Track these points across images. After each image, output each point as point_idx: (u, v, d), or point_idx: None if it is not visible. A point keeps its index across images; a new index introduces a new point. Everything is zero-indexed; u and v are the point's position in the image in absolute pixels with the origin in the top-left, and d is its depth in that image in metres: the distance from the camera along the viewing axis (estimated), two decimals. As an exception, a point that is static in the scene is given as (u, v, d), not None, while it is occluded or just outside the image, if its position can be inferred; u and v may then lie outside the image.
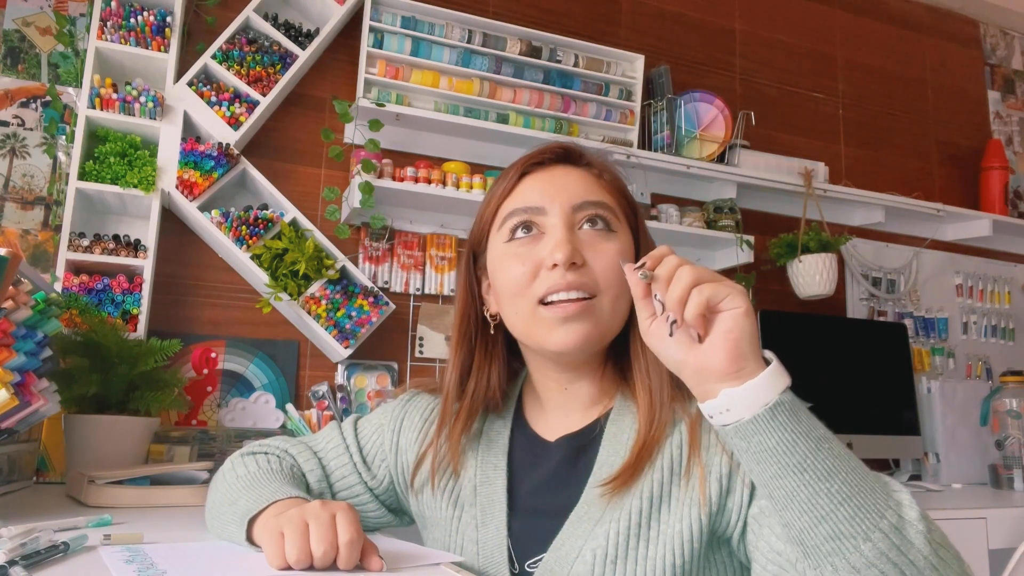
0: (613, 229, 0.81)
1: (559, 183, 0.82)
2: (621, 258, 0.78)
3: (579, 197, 0.81)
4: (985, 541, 1.66)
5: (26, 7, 1.80)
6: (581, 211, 0.80)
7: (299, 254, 1.77)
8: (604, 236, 0.80)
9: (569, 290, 0.77)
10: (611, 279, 0.78)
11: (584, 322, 0.77)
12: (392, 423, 0.94)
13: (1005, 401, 2.21)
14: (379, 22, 1.95)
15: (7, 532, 0.72)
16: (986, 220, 2.63)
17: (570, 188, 0.81)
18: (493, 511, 0.82)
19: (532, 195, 0.82)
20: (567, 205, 0.80)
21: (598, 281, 0.78)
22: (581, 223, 0.80)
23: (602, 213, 0.81)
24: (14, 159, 1.75)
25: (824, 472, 0.57)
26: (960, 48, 3.01)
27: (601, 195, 0.82)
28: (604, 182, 0.84)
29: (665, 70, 2.27)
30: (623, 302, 0.79)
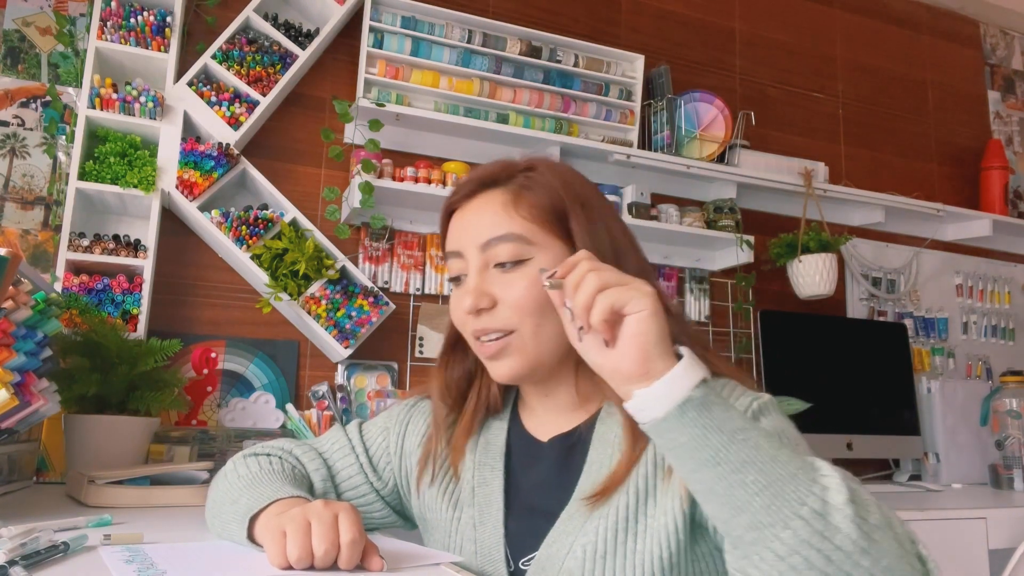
0: (524, 259, 0.80)
1: (469, 222, 0.83)
2: (534, 285, 0.78)
3: (484, 235, 0.81)
4: (985, 541, 1.66)
5: (26, 7, 1.80)
6: (489, 249, 0.81)
7: (299, 254, 1.77)
8: (513, 271, 0.80)
9: (483, 334, 0.80)
10: (526, 310, 0.79)
11: (508, 358, 0.80)
12: (397, 427, 0.95)
13: (1005, 401, 2.21)
14: (379, 22, 1.95)
15: (7, 532, 0.72)
16: (986, 220, 2.63)
17: (479, 226, 0.82)
18: (490, 511, 0.84)
19: (453, 238, 0.85)
20: (475, 247, 0.82)
21: (511, 316, 0.79)
22: (492, 263, 0.81)
23: (508, 250, 0.80)
24: (14, 159, 1.75)
25: (738, 463, 0.58)
26: (960, 48, 3.01)
27: (509, 225, 0.81)
28: (522, 201, 0.82)
29: (665, 70, 2.27)
30: (548, 326, 0.79)
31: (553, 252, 0.81)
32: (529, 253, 0.80)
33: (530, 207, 0.82)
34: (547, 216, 0.82)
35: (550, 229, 0.82)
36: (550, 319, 0.79)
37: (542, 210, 0.82)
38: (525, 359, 0.80)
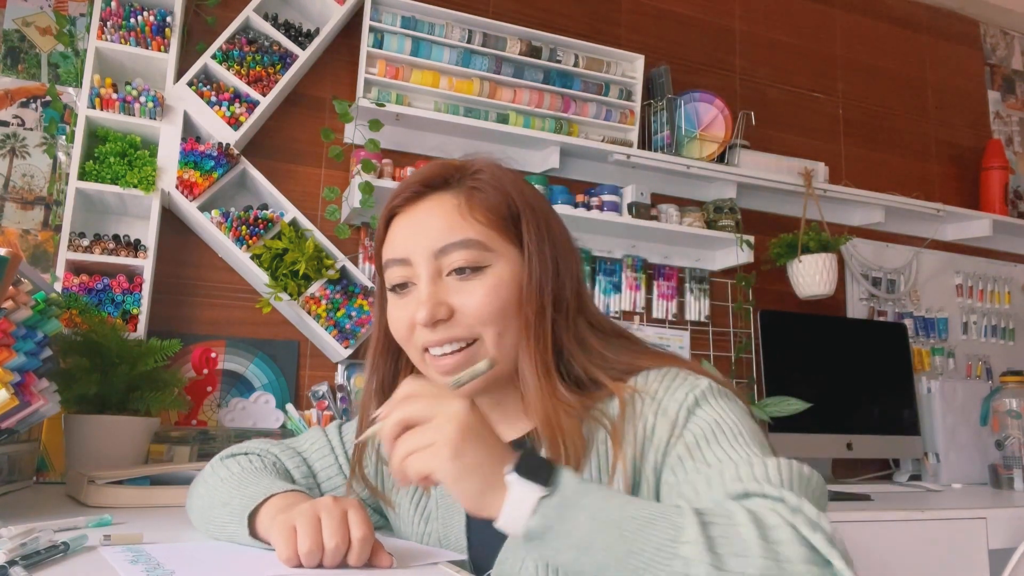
0: (482, 265, 0.77)
1: (419, 225, 0.79)
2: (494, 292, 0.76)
3: (439, 241, 0.77)
4: (985, 541, 1.66)
5: (26, 7, 1.80)
6: (443, 255, 0.77)
7: (299, 254, 1.77)
8: (472, 278, 0.76)
9: (442, 344, 0.77)
10: (487, 318, 0.76)
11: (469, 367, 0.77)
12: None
13: (1005, 401, 2.21)
14: (379, 22, 1.95)
15: (7, 532, 0.72)
16: (986, 220, 2.63)
17: (431, 230, 0.78)
18: (452, 524, 0.83)
19: (398, 243, 0.80)
20: (427, 253, 0.77)
21: (473, 324, 0.76)
22: (448, 270, 0.77)
23: (465, 256, 0.76)
24: (14, 159, 1.75)
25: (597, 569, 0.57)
26: (960, 48, 3.01)
27: (465, 229, 0.77)
28: (475, 204, 0.79)
29: (665, 70, 2.27)
30: (509, 335, 0.77)
31: (509, 258, 0.78)
32: (487, 260, 0.77)
33: (484, 210, 0.78)
34: (501, 220, 0.79)
35: (504, 234, 0.79)
36: (511, 327, 0.77)
37: (496, 214, 0.79)
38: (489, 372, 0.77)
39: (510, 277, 0.78)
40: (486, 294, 0.76)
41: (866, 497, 1.81)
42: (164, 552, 0.71)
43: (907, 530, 1.61)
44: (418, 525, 0.86)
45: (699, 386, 0.73)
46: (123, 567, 0.65)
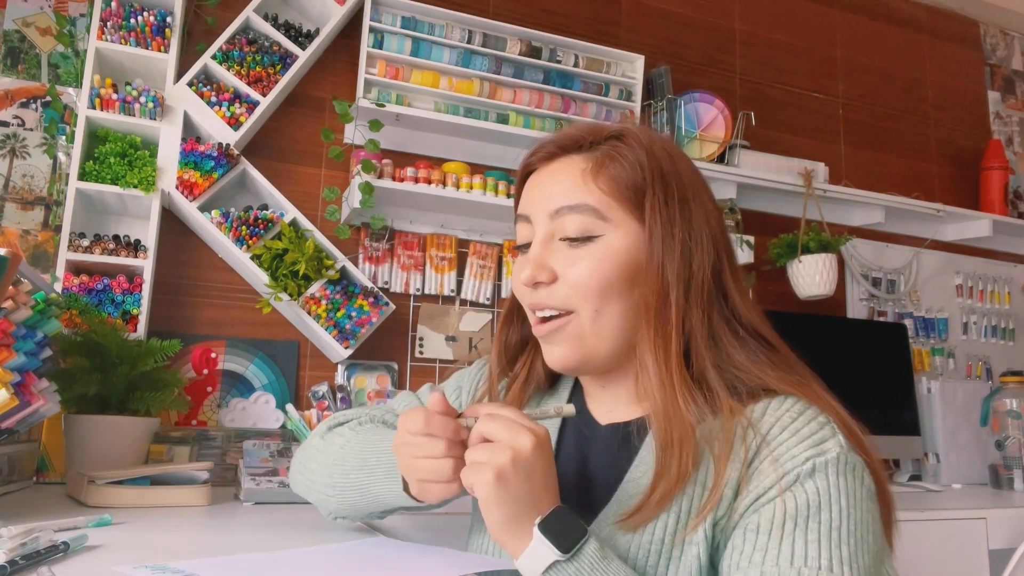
0: (594, 235, 0.73)
1: (543, 188, 0.77)
2: (599, 264, 0.72)
3: (556, 203, 0.75)
4: (985, 541, 1.66)
5: (26, 7, 1.81)
6: (558, 218, 0.75)
7: (299, 254, 1.77)
8: (581, 246, 0.74)
9: (538, 310, 0.76)
10: (588, 291, 0.72)
11: (563, 344, 0.75)
12: (469, 384, 0.94)
13: (1005, 401, 2.21)
14: (379, 22, 1.95)
15: (7, 532, 0.72)
16: (986, 220, 2.63)
17: (552, 192, 0.76)
18: None
19: (525, 202, 0.80)
20: (544, 214, 0.76)
21: (571, 295, 0.73)
22: (560, 235, 0.75)
23: (579, 222, 0.74)
24: (14, 159, 1.75)
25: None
26: (960, 48, 3.01)
27: (583, 194, 0.74)
28: (603, 172, 0.75)
29: (665, 70, 2.27)
30: (608, 314, 0.73)
31: (626, 231, 0.74)
32: (600, 229, 0.74)
33: (609, 179, 0.74)
34: (626, 191, 0.74)
35: (628, 206, 0.74)
36: (612, 306, 0.73)
37: (622, 184, 0.74)
38: (580, 347, 0.74)
39: (622, 252, 0.73)
40: (589, 265, 0.73)
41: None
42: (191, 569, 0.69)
43: (907, 530, 1.61)
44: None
45: (825, 452, 0.66)
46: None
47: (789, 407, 0.70)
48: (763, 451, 0.67)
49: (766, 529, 0.63)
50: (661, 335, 0.72)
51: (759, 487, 0.66)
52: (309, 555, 0.79)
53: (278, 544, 0.87)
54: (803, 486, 0.64)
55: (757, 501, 0.65)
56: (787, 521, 0.63)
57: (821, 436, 0.67)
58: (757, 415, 0.70)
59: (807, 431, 0.68)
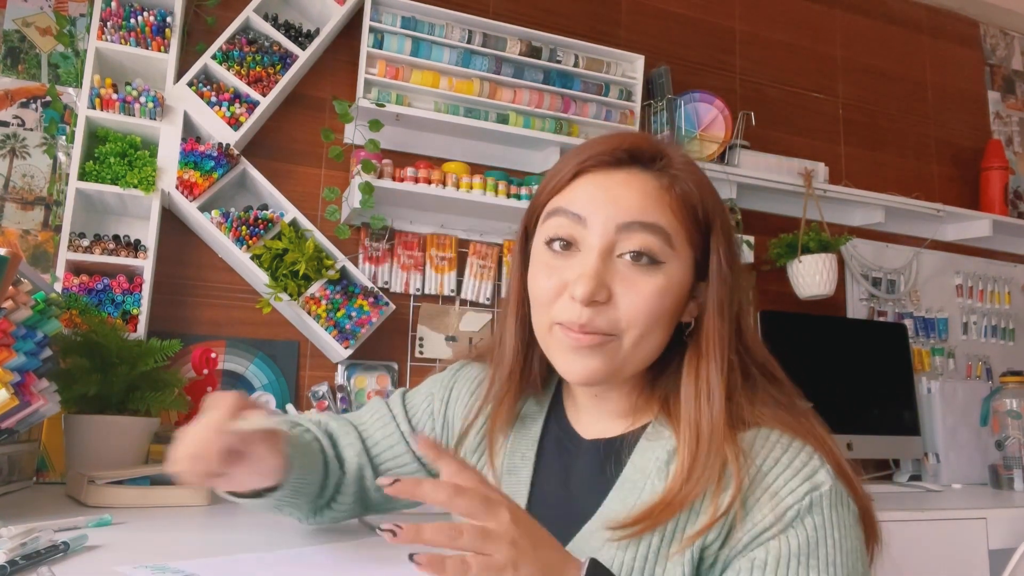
0: (660, 260, 0.70)
1: (612, 193, 0.72)
2: (660, 296, 0.70)
3: (628, 216, 0.70)
4: (985, 541, 1.66)
5: (26, 7, 1.80)
6: (626, 233, 0.70)
7: (299, 254, 1.77)
8: (644, 271, 0.70)
9: (582, 330, 0.70)
10: (637, 319, 0.70)
11: (596, 358, 0.71)
12: (442, 392, 0.92)
13: (1005, 401, 2.21)
14: (379, 22, 1.95)
15: (7, 532, 0.72)
16: (986, 220, 2.63)
17: (622, 202, 0.71)
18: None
19: (579, 199, 0.73)
20: (611, 223, 0.70)
21: (620, 319, 0.70)
22: (623, 251, 0.70)
23: (649, 243, 0.70)
24: (14, 159, 1.75)
25: None
26: (960, 48, 3.01)
27: (658, 215, 0.71)
28: (673, 195, 0.72)
29: (665, 70, 2.27)
30: (650, 340, 0.72)
31: (684, 262, 0.72)
32: (665, 256, 0.71)
33: (682, 203, 0.72)
34: (691, 221, 0.72)
35: (689, 236, 0.72)
36: (656, 334, 0.72)
37: (689, 212, 0.72)
38: (611, 365, 0.71)
39: (679, 284, 0.72)
40: (653, 294, 0.70)
41: (867, 497, 1.81)
42: (191, 569, 0.69)
43: (907, 530, 1.61)
44: None
45: (819, 487, 0.67)
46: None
47: (776, 439, 0.71)
48: (758, 482, 0.68)
49: (772, 567, 0.66)
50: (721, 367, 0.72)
51: (761, 522, 0.67)
52: (309, 554, 0.79)
53: (278, 544, 0.87)
54: (803, 523, 0.66)
55: (761, 536, 0.67)
56: (791, 559, 0.66)
57: (812, 467, 0.69)
58: (746, 445, 0.70)
59: (799, 463, 0.69)
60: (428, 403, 0.92)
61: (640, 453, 0.74)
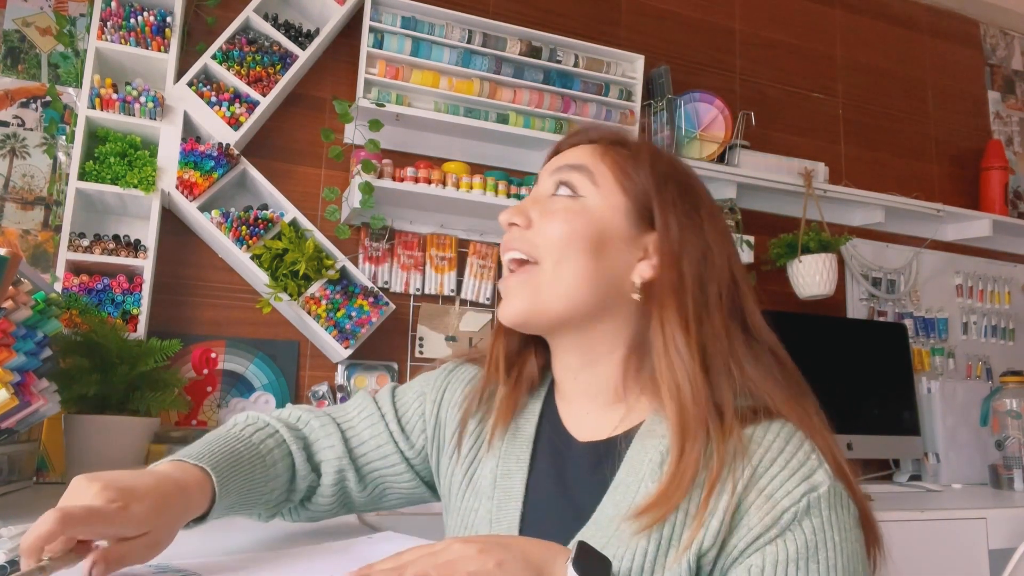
0: (578, 193, 0.76)
1: (559, 157, 0.82)
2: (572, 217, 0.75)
3: (560, 162, 0.79)
4: (985, 541, 1.66)
5: (26, 7, 1.80)
6: (556, 175, 0.79)
7: (299, 254, 1.77)
8: (560, 200, 0.77)
9: (507, 251, 0.77)
10: (553, 243, 0.74)
11: (519, 295, 0.76)
12: (434, 393, 0.89)
13: (1005, 401, 2.21)
14: (379, 22, 1.95)
15: (7, 532, 0.72)
16: (986, 220, 2.63)
17: (562, 157, 0.81)
18: (508, 507, 0.78)
19: (543, 169, 0.83)
20: (547, 173, 0.80)
21: (538, 243, 0.75)
22: (551, 191, 0.79)
23: (569, 177, 0.77)
24: (14, 159, 1.75)
25: None
26: (960, 48, 3.01)
27: (585, 159, 0.78)
28: (610, 152, 0.79)
29: (665, 70, 2.27)
30: (570, 267, 0.74)
31: (611, 203, 0.76)
32: (585, 191, 0.77)
33: (616, 159, 0.78)
34: (629, 174, 0.77)
35: (624, 185, 0.77)
36: (573, 262, 0.74)
37: (625, 168, 0.78)
38: (535, 299, 0.75)
39: (597, 214, 0.76)
40: (561, 217, 0.75)
41: (866, 497, 1.81)
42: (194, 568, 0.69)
43: (907, 530, 1.61)
44: (466, 498, 0.82)
45: (817, 488, 0.66)
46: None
47: (776, 433, 0.70)
48: (752, 484, 0.67)
49: (771, 571, 0.64)
50: (681, 317, 0.72)
51: (757, 525, 0.66)
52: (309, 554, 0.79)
53: (278, 544, 0.87)
54: (801, 526, 0.65)
55: (758, 540, 0.66)
56: (789, 564, 0.64)
57: (809, 467, 0.68)
58: (747, 439, 0.70)
59: (796, 462, 0.68)
60: (420, 402, 0.90)
61: (634, 453, 0.73)
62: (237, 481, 0.75)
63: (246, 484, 0.77)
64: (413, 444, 0.88)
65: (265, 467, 0.80)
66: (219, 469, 0.74)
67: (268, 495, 0.81)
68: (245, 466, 0.77)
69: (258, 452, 0.81)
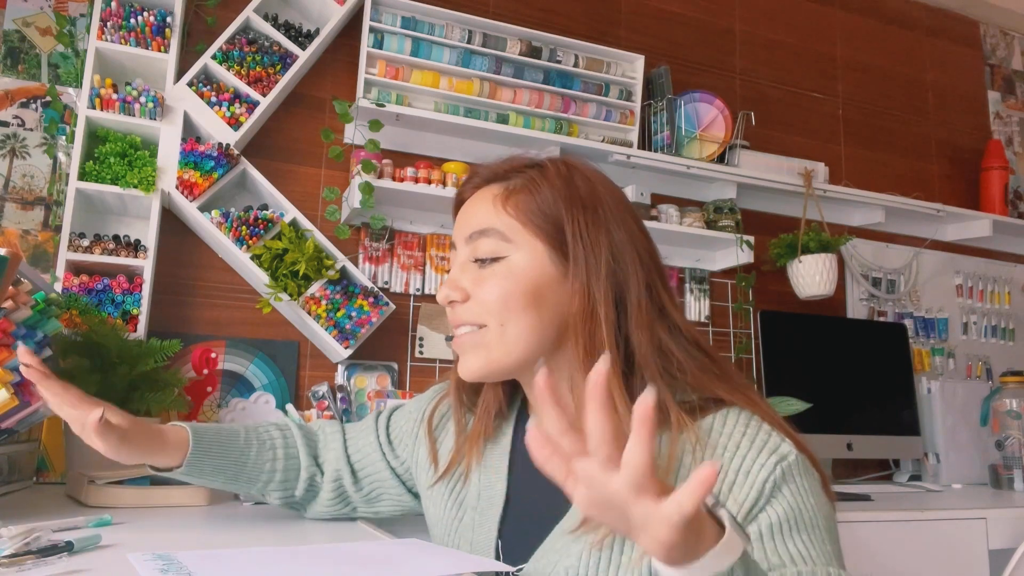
0: (499, 256, 0.79)
1: (464, 216, 0.84)
2: (503, 281, 0.78)
3: (470, 228, 0.82)
4: (985, 541, 1.66)
5: (26, 7, 1.80)
6: (471, 244, 0.82)
7: (299, 254, 1.77)
8: (488, 267, 0.80)
9: (457, 327, 0.82)
10: (492, 306, 0.78)
11: (471, 354, 0.80)
12: (418, 413, 0.99)
13: (1005, 401, 2.21)
14: (379, 22, 1.95)
15: (7, 532, 0.72)
16: (986, 220, 2.63)
17: (469, 219, 0.83)
18: (489, 514, 0.83)
19: (454, 230, 0.87)
20: (462, 239, 0.83)
21: (480, 311, 0.79)
22: (472, 259, 0.82)
23: (485, 245, 0.80)
24: (14, 159, 1.75)
25: None
26: (960, 48, 3.01)
27: (492, 219, 0.80)
28: (510, 196, 0.81)
29: (665, 70, 2.27)
30: (514, 327, 0.78)
31: (530, 252, 0.79)
32: (505, 251, 0.80)
33: (516, 204, 0.80)
34: (535, 217, 0.80)
35: (533, 230, 0.80)
36: (518, 319, 0.78)
37: (530, 210, 0.80)
38: (489, 357, 0.79)
39: (525, 270, 0.79)
40: (492, 283, 0.79)
41: (866, 497, 1.81)
42: (195, 560, 0.69)
43: (907, 530, 1.62)
44: (449, 510, 0.88)
45: (786, 457, 0.70)
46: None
47: (735, 420, 0.73)
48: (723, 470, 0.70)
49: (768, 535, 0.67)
50: (588, 351, 0.75)
51: (745, 501, 0.68)
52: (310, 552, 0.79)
53: (278, 544, 0.87)
54: (781, 491, 0.69)
55: (749, 514, 0.68)
56: (782, 525, 0.68)
57: (774, 442, 0.71)
58: (704, 430, 0.72)
59: (759, 440, 0.71)
60: (407, 420, 1.00)
61: None
62: (219, 449, 0.92)
63: (231, 454, 0.93)
64: (398, 455, 0.99)
65: (260, 448, 0.96)
66: (201, 434, 0.92)
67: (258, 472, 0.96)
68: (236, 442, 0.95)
69: (257, 436, 0.98)
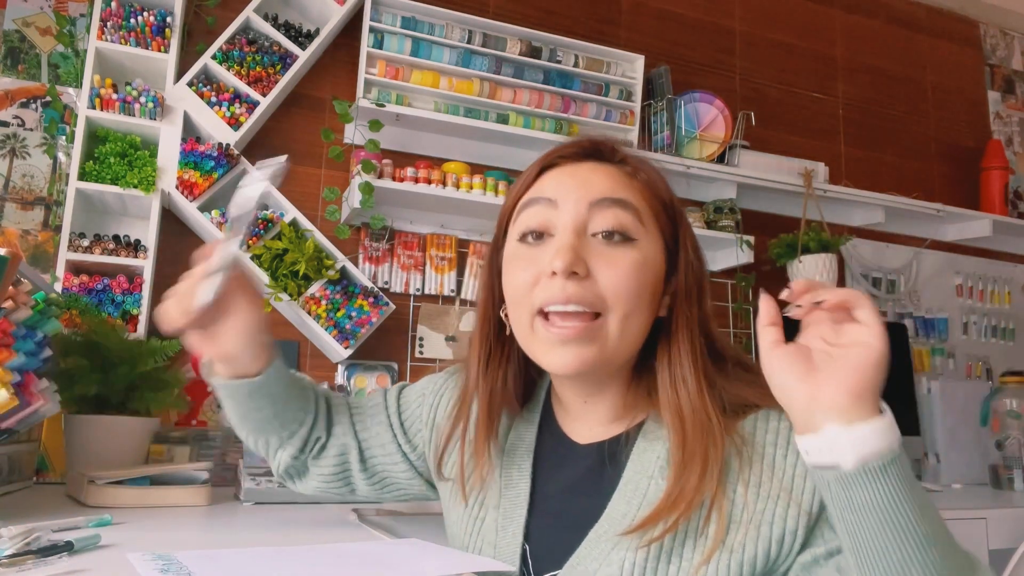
0: (633, 237, 0.71)
1: (580, 177, 0.73)
2: (638, 270, 0.70)
3: (599, 193, 0.71)
4: (985, 541, 1.66)
5: (26, 7, 1.80)
6: (598, 210, 0.70)
7: (299, 254, 1.77)
8: (619, 247, 0.70)
9: (567, 303, 0.68)
10: (621, 294, 0.69)
11: (585, 346, 0.69)
12: (432, 396, 0.91)
13: (1005, 401, 2.21)
14: (379, 22, 1.95)
15: (7, 532, 0.72)
16: (986, 220, 2.63)
17: (591, 184, 0.72)
18: (514, 515, 0.78)
19: (549, 187, 0.74)
20: (583, 202, 0.71)
21: (604, 296, 0.69)
22: (597, 230, 0.71)
23: (621, 219, 0.70)
24: (14, 159, 1.75)
25: (923, 539, 0.55)
26: (960, 48, 3.01)
27: (628, 192, 0.72)
28: (637, 182, 0.75)
29: (665, 70, 2.27)
30: (635, 321, 0.71)
31: (655, 244, 0.73)
32: (637, 234, 0.71)
33: (645, 185, 0.75)
34: (659, 204, 0.75)
35: (657, 220, 0.74)
36: (639, 314, 0.71)
37: (656, 199, 0.75)
38: (601, 353, 0.70)
39: (653, 262, 0.72)
40: (632, 268, 0.70)
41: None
42: (196, 560, 0.69)
43: (907, 530, 1.61)
44: (469, 507, 0.82)
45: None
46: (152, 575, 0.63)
47: (776, 421, 0.71)
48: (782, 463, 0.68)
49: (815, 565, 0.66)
50: (692, 354, 0.73)
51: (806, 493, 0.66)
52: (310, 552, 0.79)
53: (278, 544, 0.87)
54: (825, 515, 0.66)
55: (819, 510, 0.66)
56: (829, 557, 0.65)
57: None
58: (748, 430, 0.70)
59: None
60: (419, 403, 0.92)
61: (639, 453, 0.73)
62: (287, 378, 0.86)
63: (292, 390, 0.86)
64: (411, 440, 0.91)
65: (302, 390, 0.89)
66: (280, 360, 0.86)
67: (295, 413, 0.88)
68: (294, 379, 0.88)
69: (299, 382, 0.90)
